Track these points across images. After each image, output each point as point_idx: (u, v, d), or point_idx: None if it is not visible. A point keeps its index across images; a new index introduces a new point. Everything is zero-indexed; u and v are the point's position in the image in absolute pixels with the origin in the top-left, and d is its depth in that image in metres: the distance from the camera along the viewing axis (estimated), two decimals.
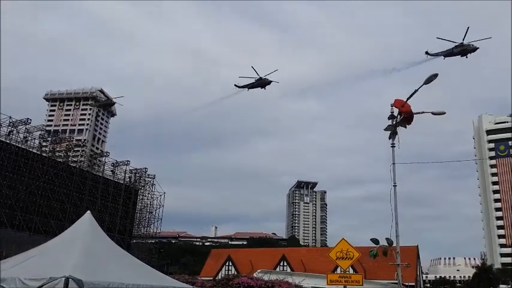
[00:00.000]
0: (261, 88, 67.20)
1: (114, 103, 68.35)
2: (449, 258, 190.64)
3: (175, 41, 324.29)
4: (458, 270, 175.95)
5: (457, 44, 62.83)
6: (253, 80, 66.69)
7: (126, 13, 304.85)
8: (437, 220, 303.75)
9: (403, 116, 13.77)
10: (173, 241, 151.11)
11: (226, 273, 54.50)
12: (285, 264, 57.39)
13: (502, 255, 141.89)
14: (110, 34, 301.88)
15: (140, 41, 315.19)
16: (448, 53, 63.81)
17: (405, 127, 14.02)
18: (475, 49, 61.81)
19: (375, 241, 12.90)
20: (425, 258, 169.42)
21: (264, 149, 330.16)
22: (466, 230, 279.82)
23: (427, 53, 65.49)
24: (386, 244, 12.78)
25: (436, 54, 65.21)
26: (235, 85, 68.67)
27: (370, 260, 13.35)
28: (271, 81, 66.37)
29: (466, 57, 62.75)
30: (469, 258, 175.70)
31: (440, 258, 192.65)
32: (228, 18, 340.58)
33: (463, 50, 62.55)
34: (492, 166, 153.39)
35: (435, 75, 13.40)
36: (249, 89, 68.11)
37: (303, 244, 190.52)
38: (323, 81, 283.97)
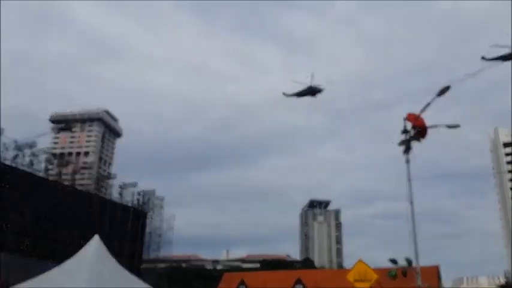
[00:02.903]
0: (312, 96, 65.72)
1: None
2: (472, 278, 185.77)
3: (178, 57, 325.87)
4: None
5: None
6: (303, 88, 65.51)
7: (124, 28, 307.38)
8: (457, 238, 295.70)
9: (416, 130, 13.41)
10: (184, 265, 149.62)
11: None
12: (301, 287, 56.28)
13: None
14: (109, 51, 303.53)
15: (142, 58, 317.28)
16: None
17: (419, 141, 13.63)
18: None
19: (394, 261, 12.42)
20: (447, 279, 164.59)
21: (273, 166, 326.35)
22: (487, 248, 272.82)
23: None
24: (406, 264, 12.28)
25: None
26: (283, 93, 67.52)
27: (389, 281, 12.82)
28: (322, 89, 64.59)
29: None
30: (493, 277, 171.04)
31: (463, 278, 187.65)
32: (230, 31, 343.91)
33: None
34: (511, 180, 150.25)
35: (447, 88, 13.08)
36: (298, 97, 66.89)
37: (318, 266, 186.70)
38: (331, 95, 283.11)
